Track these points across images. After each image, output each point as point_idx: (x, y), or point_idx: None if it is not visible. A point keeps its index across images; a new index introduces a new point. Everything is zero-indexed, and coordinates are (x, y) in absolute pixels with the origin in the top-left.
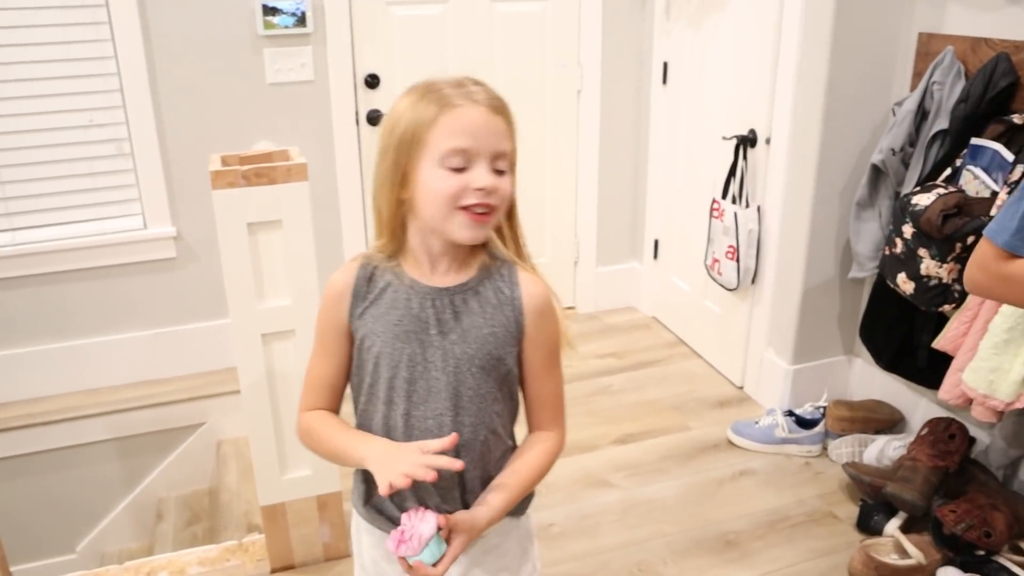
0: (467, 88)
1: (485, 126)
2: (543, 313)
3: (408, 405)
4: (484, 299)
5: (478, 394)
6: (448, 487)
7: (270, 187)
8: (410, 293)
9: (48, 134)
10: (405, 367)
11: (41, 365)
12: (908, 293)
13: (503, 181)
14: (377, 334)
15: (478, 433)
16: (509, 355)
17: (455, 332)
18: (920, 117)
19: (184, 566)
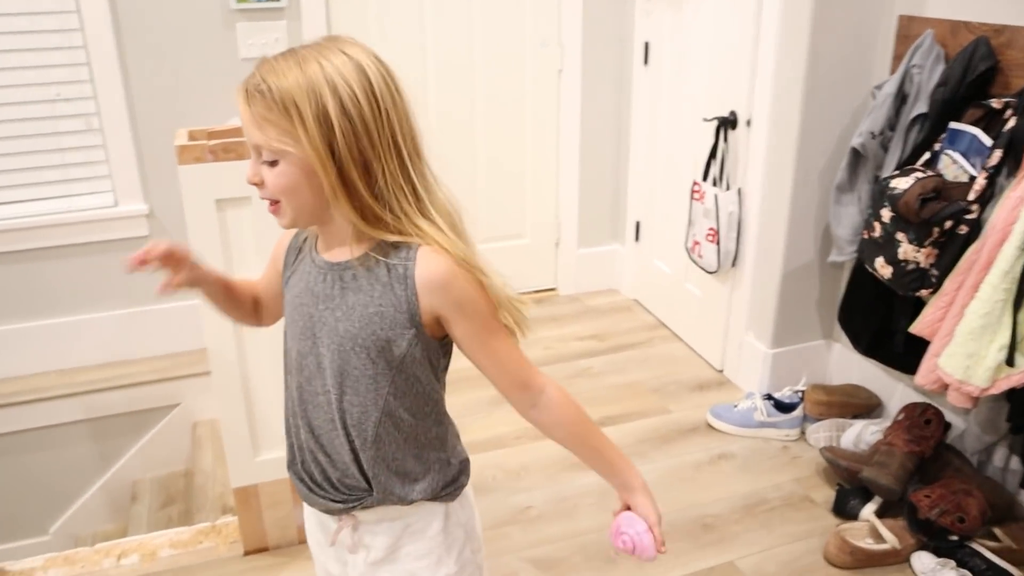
0: (249, 76)
1: (242, 116)
2: (443, 286)
3: (301, 378)
4: (375, 277)
5: (364, 375)
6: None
7: (239, 162)
8: (311, 266)
9: (14, 108)
10: (299, 339)
11: (11, 344)
12: (886, 277)
13: (268, 173)
14: (287, 302)
15: (369, 414)
16: (400, 337)
17: (340, 309)
18: (900, 101)
19: (156, 548)
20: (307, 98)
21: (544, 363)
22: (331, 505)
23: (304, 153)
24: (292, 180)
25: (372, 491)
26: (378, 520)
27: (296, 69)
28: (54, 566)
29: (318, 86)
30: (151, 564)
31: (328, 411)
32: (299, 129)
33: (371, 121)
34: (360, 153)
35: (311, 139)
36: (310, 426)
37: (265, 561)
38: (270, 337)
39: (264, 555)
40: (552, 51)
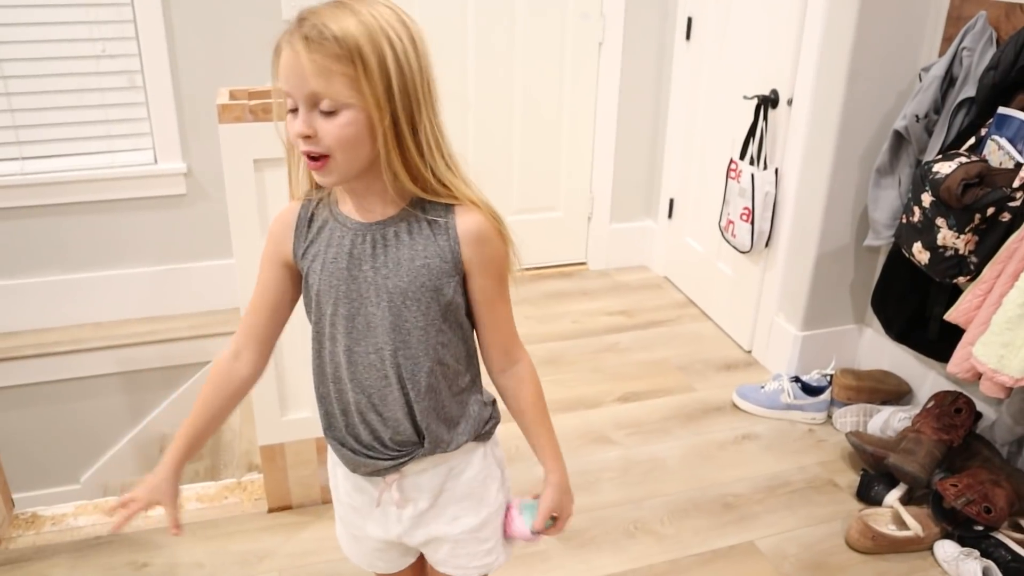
0: (297, 25)
1: (292, 67)
2: (480, 240)
3: (349, 341)
4: (416, 231)
5: (417, 326)
6: (399, 419)
7: (279, 123)
8: (344, 230)
9: (60, 63)
10: (343, 304)
11: (50, 295)
12: (923, 263)
13: (327, 124)
14: (316, 272)
15: (421, 365)
16: (447, 285)
17: (387, 267)
18: (947, 84)
19: (183, 501)
20: (370, 47)
21: (571, 337)
22: (379, 464)
23: (366, 104)
24: (356, 132)
25: (422, 443)
26: (421, 471)
27: (353, 18)
28: (84, 513)
29: (376, 36)
30: None
31: (381, 368)
32: (363, 79)
33: (418, 74)
34: (410, 106)
35: (374, 89)
36: (360, 387)
37: (289, 519)
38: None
39: (288, 513)
40: (593, 23)
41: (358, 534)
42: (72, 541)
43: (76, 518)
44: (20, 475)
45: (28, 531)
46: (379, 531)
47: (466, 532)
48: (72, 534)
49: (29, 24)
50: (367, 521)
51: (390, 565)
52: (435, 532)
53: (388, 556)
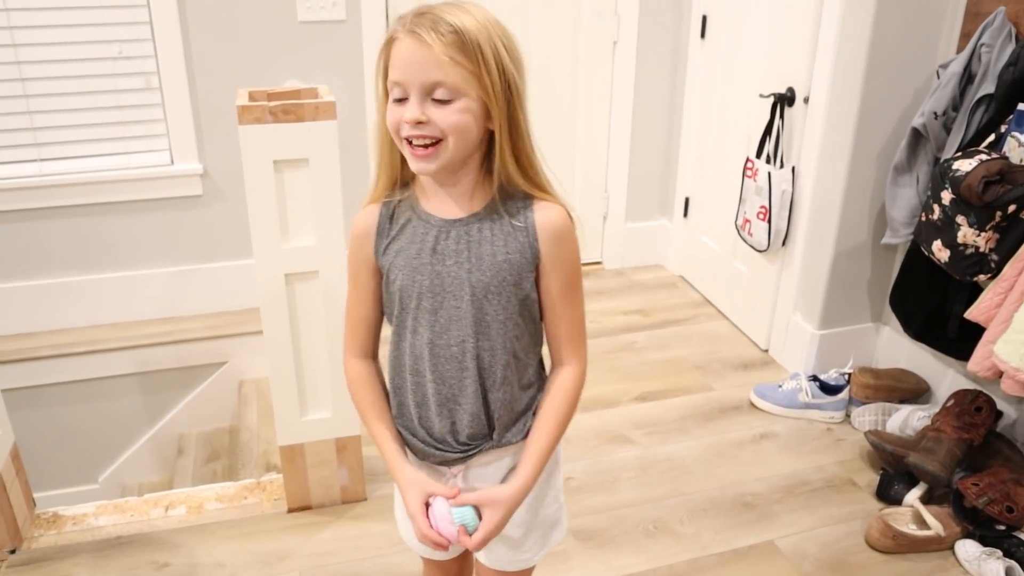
0: (416, 19)
1: (413, 56)
2: (558, 238)
3: (431, 334)
4: (498, 227)
5: (497, 319)
6: (475, 411)
7: (298, 124)
8: (426, 227)
9: (77, 65)
10: (427, 298)
11: (67, 297)
12: (943, 261)
13: (441, 111)
14: (399, 268)
15: (499, 357)
16: (526, 280)
17: (470, 261)
18: (966, 80)
19: (202, 501)
20: (487, 43)
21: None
22: (448, 456)
23: (481, 94)
24: (468, 119)
25: (491, 436)
26: (486, 463)
27: (468, 16)
28: (105, 513)
29: (490, 32)
30: (197, 516)
31: (461, 361)
32: (482, 70)
33: (519, 72)
34: (515, 100)
35: (492, 80)
36: (440, 378)
37: (308, 519)
38: (322, 300)
39: (307, 513)
40: (608, 22)
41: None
42: (93, 541)
43: (97, 518)
44: (39, 475)
45: (50, 531)
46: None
47: (515, 525)
48: (93, 534)
49: (47, 27)
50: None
51: (444, 552)
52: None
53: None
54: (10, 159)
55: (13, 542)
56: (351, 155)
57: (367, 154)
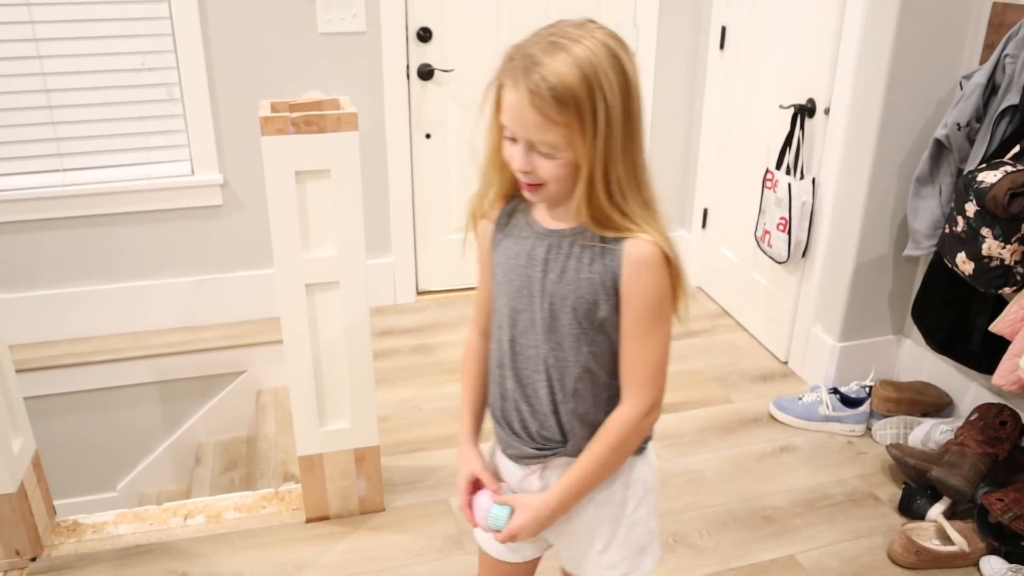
0: (521, 66)
1: (520, 115)
2: (641, 269)
3: (513, 333)
4: (587, 246)
5: (571, 333)
6: (547, 414)
7: (319, 135)
8: (529, 232)
9: (100, 76)
10: (514, 299)
11: (88, 305)
12: (967, 274)
13: (541, 163)
14: (500, 264)
15: (571, 369)
16: (604, 302)
17: (554, 272)
18: (989, 91)
19: (221, 511)
20: (587, 100)
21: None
22: (526, 451)
23: (576, 154)
24: (569, 172)
25: (565, 443)
26: (566, 466)
27: (575, 69)
28: (124, 521)
29: (592, 86)
30: (216, 525)
31: (536, 364)
32: (577, 133)
33: (622, 118)
34: (610, 155)
35: (586, 143)
36: (518, 376)
37: (326, 529)
38: (342, 310)
39: (325, 523)
40: (627, 32)
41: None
42: (113, 549)
43: (116, 526)
44: (59, 482)
45: (70, 539)
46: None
47: (597, 539)
48: (113, 542)
49: (70, 39)
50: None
51: (520, 555)
52: (568, 529)
53: (521, 546)
54: (34, 169)
55: (34, 550)
56: (370, 168)
57: (386, 165)
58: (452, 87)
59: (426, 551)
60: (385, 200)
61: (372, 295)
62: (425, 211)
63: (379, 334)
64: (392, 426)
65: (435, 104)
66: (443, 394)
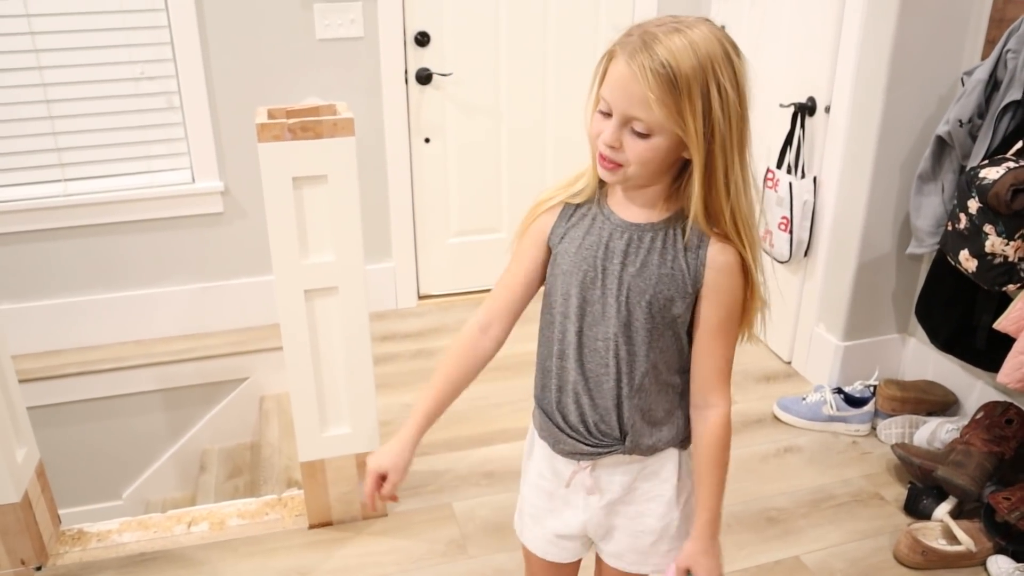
0: (638, 42)
1: (624, 87)
2: (725, 272)
3: (582, 324)
4: (670, 242)
5: (644, 327)
6: (609, 408)
7: (316, 141)
8: (605, 222)
9: (100, 86)
10: (587, 288)
11: (91, 314)
12: (970, 271)
13: (631, 143)
14: (568, 253)
15: (639, 364)
16: (681, 300)
17: (634, 265)
18: (991, 87)
19: (224, 517)
20: (699, 87)
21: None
22: (580, 447)
23: (680, 136)
24: (658, 156)
25: (623, 440)
26: (616, 464)
27: (691, 53)
28: (129, 529)
29: (707, 75)
30: (220, 532)
31: (604, 357)
32: (688, 115)
33: (736, 116)
34: (725, 146)
35: (697, 127)
36: (582, 368)
37: (329, 535)
38: (341, 316)
39: (328, 529)
40: None
41: (540, 516)
42: (117, 557)
43: (121, 534)
44: (64, 491)
45: (75, 547)
46: (567, 516)
47: (647, 533)
48: (117, 550)
49: (70, 49)
50: (556, 504)
51: (564, 554)
52: (618, 524)
53: (567, 546)
54: (35, 179)
55: (39, 559)
56: (369, 171)
57: (386, 170)
58: (451, 91)
59: (429, 556)
60: (385, 205)
61: (373, 300)
62: (425, 215)
63: (381, 339)
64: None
65: (434, 108)
66: None
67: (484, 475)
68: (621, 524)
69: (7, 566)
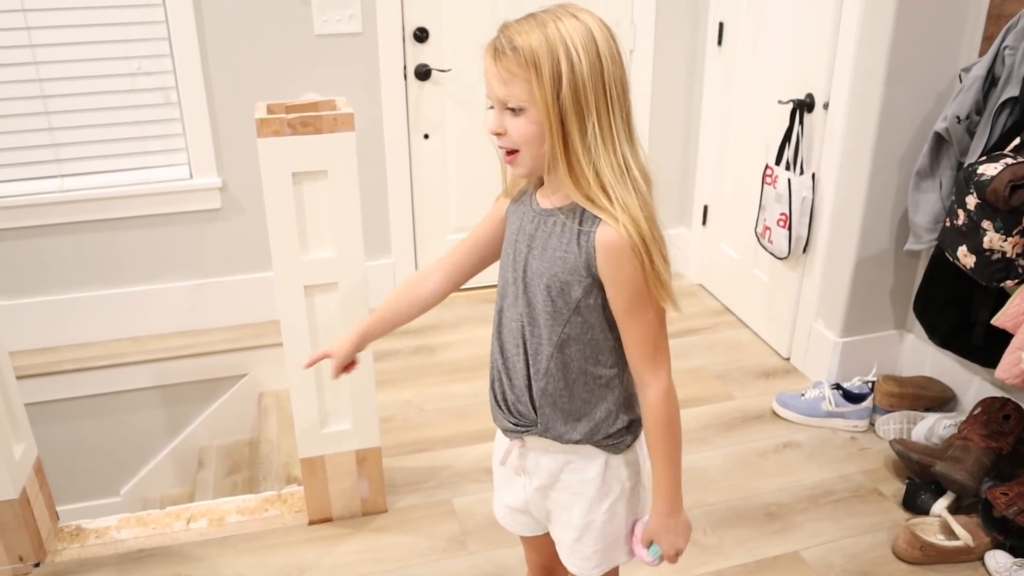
0: (499, 33)
1: (490, 76)
2: (611, 255)
3: (502, 304)
4: (566, 227)
5: (545, 311)
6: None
7: (316, 136)
8: (527, 210)
9: (96, 81)
10: (506, 270)
11: (89, 311)
12: (968, 267)
13: (510, 123)
14: (508, 237)
15: (543, 348)
16: (576, 284)
17: (537, 249)
18: (989, 84)
19: (224, 514)
20: (547, 58)
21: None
22: (506, 424)
23: (538, 107)
24: (533, 131)
25: (536, 423)
26: (543, 450)
27: (538, 31)
28: (127, 526)
29: (555, 47)
30: (219, 529)
31: (516, 338)
32: (535, 84)
33: (590, 83)
34: (579, 110)
35: (544, 95)
36: (502, 347)
37: (329, 531)
38: (341, 311)
39: (328, 525)
40: (624, 31)
41: (499, 489)
42: (116, 554)
43: (119, 531)
44: (62, 488)
45: (73, 544)
46: (513, 491)
47: (571, 528)
48: (116, 547)
49: (67, 44)
50: (504, 480)
51: (522, 528)
52: (553, 511)
53: (519, 519)
54: (32, 175)
55: (37, 555)
56: (368, 168)
57: (385, 165)
58: (449, 87)
59: (429, 552)
60: (384, 201)
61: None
62: (424, 211)
63: None
64: (394, 427)
65: (433, 104)
66: (445, 395)
67: (484, 471)
68: (555, 512)
69: (5, 562)
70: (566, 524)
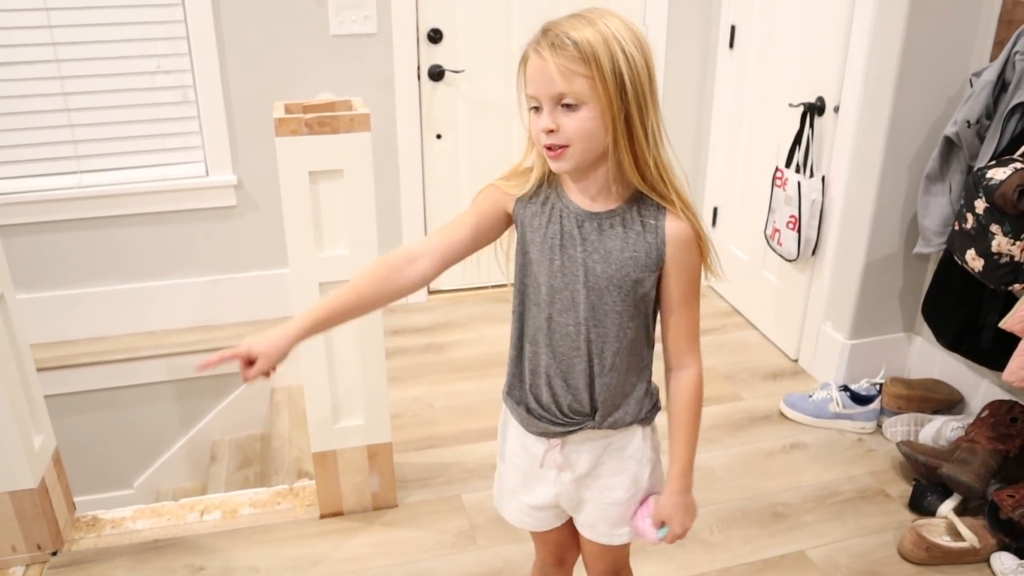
0: (541, 37)
1: (541, 74)
2: (684, 245)
3: (551, 311)
4: (629, 225)
5: (614, 310)
6: (581, 389)
7: (333, 136)
8: (566, 212)
9: (116, 79)
10: (554, 277)
11: (104, 305)
12: (977, 270)
13: (566, 120)
14: (535, 243)
15: (609, 344)
16: (647, 278)
17: (598, 252)
18: (999, 88)
19: (236, 507)
20: (604, 51)
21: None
22: (551, 428)
23: (601, 101)
24: (593, 126)
25: (593, 416)
26: (584, 440)
27: (590, 28)
28: (142, 517)
29: (610, 42)
30: (231, 521)
31: (575, 341)
32: (598, 79)
33: (645, 78)
34: (639, 103)
35: (607, 88)
36: (554, 353)
37: (340, 525)
38: None
39: (339, 519)
40: None
41: (516, 491)
42: (131, 544)
43: (135, 521)
44: (76, 479)
45: (89, 533)
46: (540, 491)
47: (613, 505)
48: (131, 537)
49: (87, 43)
50: (529, 482)
51: (539, 524)
52: (588, 498)
53: (541, 516)
54: (52, 171)
55: (55, 544)
56: (381, 167)
57: (399, 165)
58: (463, 88)
59: (438, 546)
60: (397, 200)
61: None
62: (436, 211)
63: (391, 333)
64: (404, 423)
65: (446, 105)
66: (454, 392)
67: (493, 467)
68: (590, 497)
69: (24, 550)
70: (607, 505)
